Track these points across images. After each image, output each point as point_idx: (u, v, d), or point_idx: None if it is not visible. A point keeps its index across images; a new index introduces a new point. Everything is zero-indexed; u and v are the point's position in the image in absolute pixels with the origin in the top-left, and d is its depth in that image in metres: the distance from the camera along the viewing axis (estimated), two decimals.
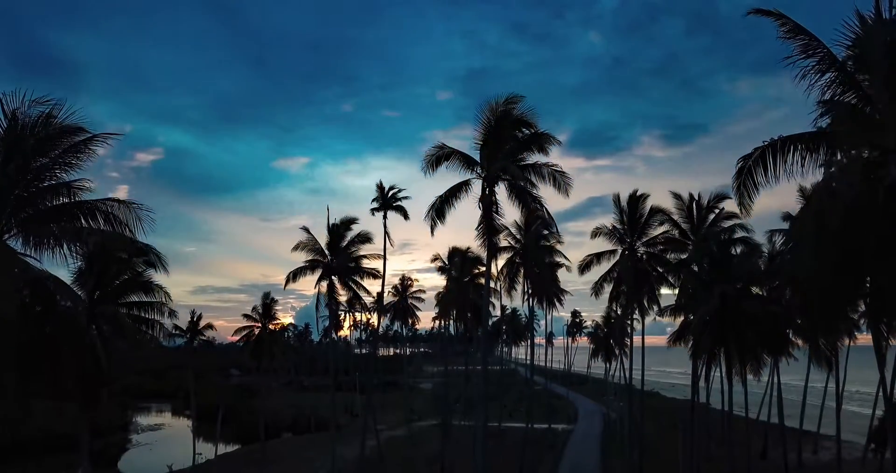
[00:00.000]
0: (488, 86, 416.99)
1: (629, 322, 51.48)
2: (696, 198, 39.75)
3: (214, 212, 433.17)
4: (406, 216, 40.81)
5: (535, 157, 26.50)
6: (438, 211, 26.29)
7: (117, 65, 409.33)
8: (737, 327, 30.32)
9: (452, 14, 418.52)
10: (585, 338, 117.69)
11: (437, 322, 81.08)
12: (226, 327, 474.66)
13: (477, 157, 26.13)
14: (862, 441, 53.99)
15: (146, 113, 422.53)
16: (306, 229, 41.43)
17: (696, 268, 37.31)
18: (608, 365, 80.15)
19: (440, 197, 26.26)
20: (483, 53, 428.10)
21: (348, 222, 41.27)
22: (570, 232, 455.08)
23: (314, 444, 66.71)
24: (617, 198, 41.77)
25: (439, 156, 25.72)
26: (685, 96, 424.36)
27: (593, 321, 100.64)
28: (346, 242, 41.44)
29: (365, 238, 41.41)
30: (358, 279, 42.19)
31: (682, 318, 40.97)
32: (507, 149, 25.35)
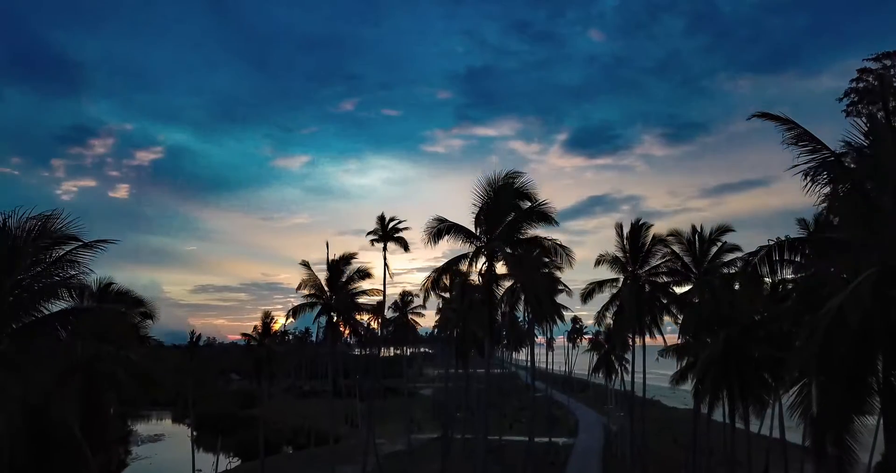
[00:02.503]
0: (489, 85, 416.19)
1: (630, 337, 51.30)
2: (699, 230, 39.47)
3: (214, 210, 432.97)
4: (406, 248, 40.79)
5: (538, 230, 26.21)
6: (435, 282, 25.98)
7: (118, 63, 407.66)
8: (740, 371, 30.11)
9: (452, 13, 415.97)
10: (588, 338, 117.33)
11: (437, 329, 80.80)
12: (226, 326, 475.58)
13: (479, 223, 25.72)
14: (864, 457, 53.73)
15: (146, 112, 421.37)
16: (306, 264, 41.43)
17: (697, 300, 37.11)
18: (609, 382, 79.96)
19: (438, 269, 25.94)
20: (483, 52, 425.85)
21: (348, 257, 41.13)
22: (571, 230, 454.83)
23: (314, 460, 66.48)
24: (620, 228, 41.71)
25: (440, 229, 25.35)
26: (686, 95, 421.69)
27: (594, 323, 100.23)
28: (346, 278, 41.29)
29: (364, 274, 41.31)
30: (357, 317, 42.12)
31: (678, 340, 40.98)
32: (507, 222, 25.04)
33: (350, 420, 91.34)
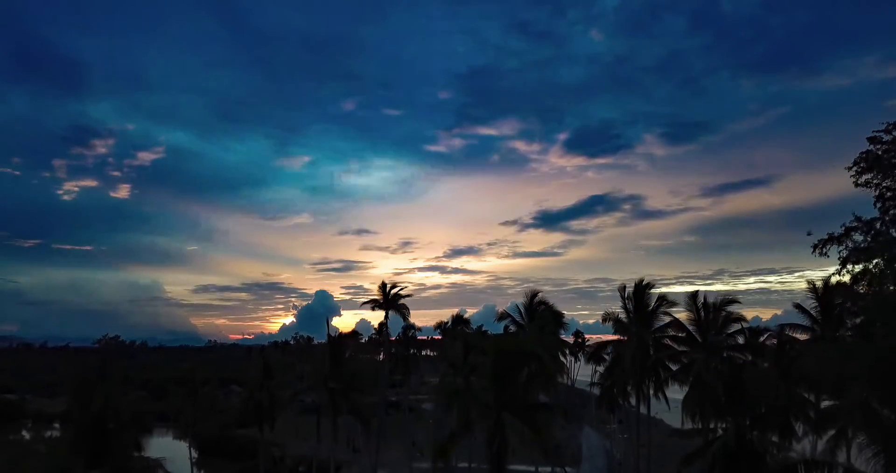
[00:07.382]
0: (490, 85, 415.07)
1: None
2: (704, 299, 38.90)
3: (216, 210, 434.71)
4: (407, 316, 40.26)
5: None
6: (442, 451, 25.59)
7: (119, 64, 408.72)
8: (750, 464, 29.56)
9: (454, 12, 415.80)
10: (591, 340, 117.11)
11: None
12: (227, 326, 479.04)
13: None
14: None
15: (147, 112, 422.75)
16: (309, 338, 40.83)
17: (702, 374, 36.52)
18: (612, 416, 79.64)
19: (452, 432, 25.57)
20: (484, 52, 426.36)
21: (350, 336, 40.66)
22: (572, 230, 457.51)
23: None
24: (622, 289, 41.14)
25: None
26: (687, 94, 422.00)
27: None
28: (347, 355, 40.90)
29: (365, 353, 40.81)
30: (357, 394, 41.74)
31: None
32: (518, 384, 24.58)
33: (352, 444, 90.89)
